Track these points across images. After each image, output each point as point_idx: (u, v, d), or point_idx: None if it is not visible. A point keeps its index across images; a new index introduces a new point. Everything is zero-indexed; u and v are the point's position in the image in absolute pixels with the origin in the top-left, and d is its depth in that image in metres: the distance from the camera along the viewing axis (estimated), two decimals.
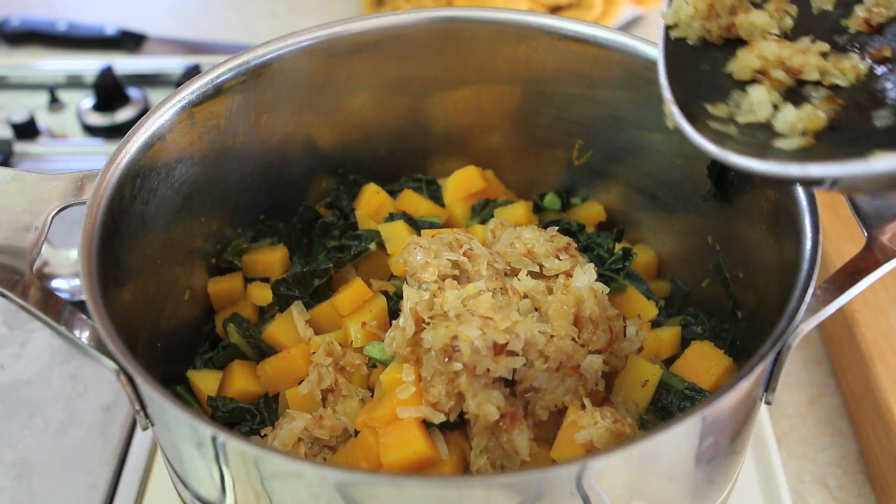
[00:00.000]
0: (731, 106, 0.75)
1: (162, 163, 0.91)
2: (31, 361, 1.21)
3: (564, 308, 0.87)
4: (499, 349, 0.81)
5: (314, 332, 0.97)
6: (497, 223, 0.99)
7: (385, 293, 0.98)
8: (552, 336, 0.85)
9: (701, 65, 0.80)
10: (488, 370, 0.81)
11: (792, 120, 0.71)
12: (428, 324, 0.85)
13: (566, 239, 0.95)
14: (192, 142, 0.95)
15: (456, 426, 0.85)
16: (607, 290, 0.90)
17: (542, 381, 0.84)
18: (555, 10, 1.75)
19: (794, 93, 0.75)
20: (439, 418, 0.83)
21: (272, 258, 1.06)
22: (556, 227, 0.99)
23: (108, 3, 1.99)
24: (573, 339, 0.85)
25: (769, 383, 0.78)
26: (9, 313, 1.26)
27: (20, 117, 1.51)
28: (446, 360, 0.81)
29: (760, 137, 0.71)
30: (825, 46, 0.76)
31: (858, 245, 0.81)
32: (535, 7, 1.72)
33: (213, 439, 0.69)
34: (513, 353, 0.82)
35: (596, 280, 0.90)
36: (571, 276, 0.91)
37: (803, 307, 0.73)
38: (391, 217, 1.05)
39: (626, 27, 1.82)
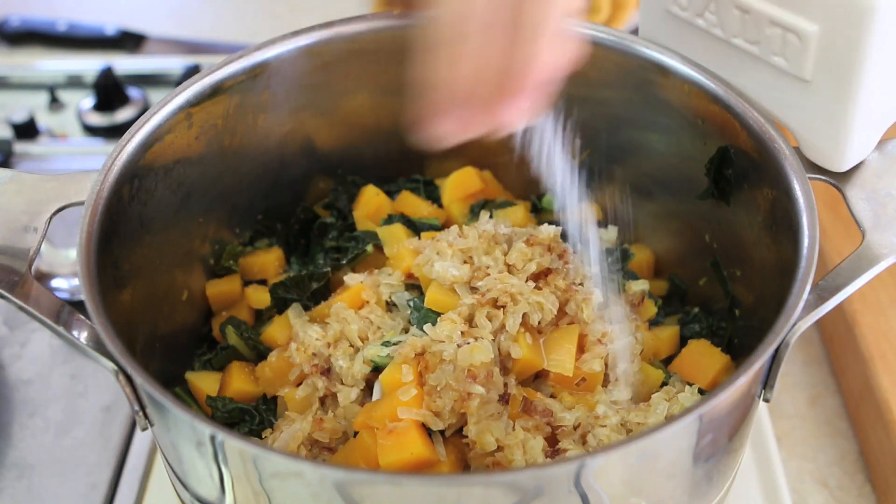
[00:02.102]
0: None
1: (160, 163, 0.91)
2: (31, 361, 1.20)
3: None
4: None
5: None
6: (491, 229, 0.97)
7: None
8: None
9: None
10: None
11: None
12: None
13: (562, 245, 0.95)
14: (190, 142, 0.95)
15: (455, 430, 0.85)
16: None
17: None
18: None
19: None
20: (439, 426, 0.82)
21: (267, 260, 1.06)
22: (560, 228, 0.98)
23: (108, 3, 1.99)
24: None
25: (767, 381, 0.78)
26: (9, 313, 1.25)
27: (20, 117, 1.51)
28: (469, 379, 0.81)
29: None
30: None
31: (857, 244, 0.81)
32: None
33: (213, 438, 0.69)
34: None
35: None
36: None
37: (801, 305, 0.73)
38: (390, 219, 1.05)
39: (635, 33, 1.81)
